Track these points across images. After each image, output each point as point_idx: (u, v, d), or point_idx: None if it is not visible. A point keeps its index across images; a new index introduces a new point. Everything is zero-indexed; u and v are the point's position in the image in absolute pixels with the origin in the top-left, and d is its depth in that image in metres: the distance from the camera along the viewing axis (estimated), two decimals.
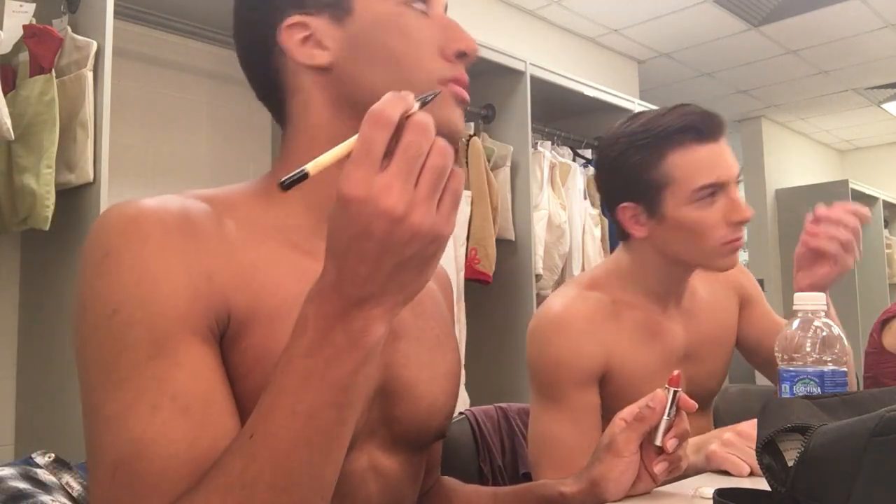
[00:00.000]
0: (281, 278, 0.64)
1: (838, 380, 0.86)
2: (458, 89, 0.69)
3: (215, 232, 0.63)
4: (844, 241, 1.14)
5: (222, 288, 0.60)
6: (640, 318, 1.19)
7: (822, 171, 6.38)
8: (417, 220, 0.48)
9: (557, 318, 1.15)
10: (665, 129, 1.13)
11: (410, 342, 0.74)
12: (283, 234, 0.68)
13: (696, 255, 1.15)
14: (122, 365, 0.56)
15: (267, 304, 0.62)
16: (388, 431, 0.71)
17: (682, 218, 1.12)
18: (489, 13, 3.47)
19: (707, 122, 1.13)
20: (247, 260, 0.63)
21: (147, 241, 0.58)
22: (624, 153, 1.16)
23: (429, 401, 0.73)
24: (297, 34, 0.68)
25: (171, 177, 2.26)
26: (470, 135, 2.65)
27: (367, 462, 0.69)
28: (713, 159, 1.12)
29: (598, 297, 1.18)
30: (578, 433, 1.10)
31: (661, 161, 1.12)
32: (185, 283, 0.58)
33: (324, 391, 0.51)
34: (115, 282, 0.57)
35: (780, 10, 3.76)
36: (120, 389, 0.55)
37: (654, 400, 0.81)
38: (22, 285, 1.94)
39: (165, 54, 2.26)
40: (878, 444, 0.54)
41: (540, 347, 1.16)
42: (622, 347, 1.15)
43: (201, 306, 0.59)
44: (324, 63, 0.68)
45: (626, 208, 1.17)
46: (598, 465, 0.83)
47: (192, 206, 0.64)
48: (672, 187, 1.12)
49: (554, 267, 2.89)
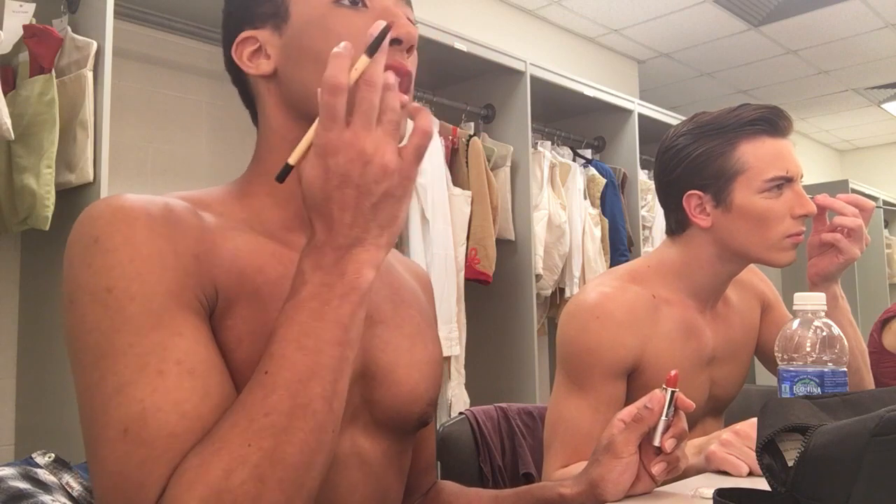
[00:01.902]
0: (261, 263, 0.68)
1: (838, 380, 0.86)
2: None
3: (196, 222, 0.66)
4: (849, 231, 1.18)
5: (209, 268, 0.64)
6: (679, 316, 1.19)
7: (821, 171, 6.38)
8: (385, 157, 0.58)
9: (597, 306, 1.15)
10: (739, 120, 1.15)
11: (388, 328, 0.76)
12: (259, 226, 0.72)
13: (758, 246, 1.16)
14: (121, 339, 0.57)
15: (250, 285, 0.66)
16: (370, 415, 0.74)
17: (750, 207, 1.14)
18: (489, 13, 3.47)
19: (779, 118, 1.16)
20: (227, 247, 0.66)
21: (135, 225, 0.61)
22: (696, 141, 1.18)
23: (409, 385, 0.76)
24: (248, 48, 0.74)
25: (171, 177, 2.26)
26: (470, 135, 2.65)
27: (350, 446, 0.71)
28: (784, 154, 1.15)
29: (638, 290, 1.18)
30: (596, 422, 1.10)
31: (734, 150, 1.15)
32: (173, 262, 0.61)
33: (328, 329, 0.58)
34: (107, 262, 0.59)
35: (780, 10, 3.76)
36: (120, 363, 0.57)
37: (651, 401, 0.81)
38: (22, 285, 1.94)
39: (165, 54, 2.26)
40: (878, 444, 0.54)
41: (575, 333, 1.15)
42: (657, 343, 1.15)
43: (191, 283, 0.62)
44: (268, 71, 0.73)
45: (692, 196, 1.18)
46: (596, 466, 0.83)
47: (172, 200, 0.67)
48: (743, 176, 1.14)
49: (554, 267, 2.89)
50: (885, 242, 5.80)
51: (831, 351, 0.87)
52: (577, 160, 3.19)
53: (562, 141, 3.24)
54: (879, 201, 5.76)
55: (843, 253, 1.19)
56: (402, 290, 0.82)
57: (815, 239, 1.23)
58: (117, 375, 0.57)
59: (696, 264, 1.21)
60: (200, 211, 0.68)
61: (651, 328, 1.15)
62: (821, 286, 1.23)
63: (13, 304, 1.94)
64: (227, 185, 0.78)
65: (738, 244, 1.17)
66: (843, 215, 1.19)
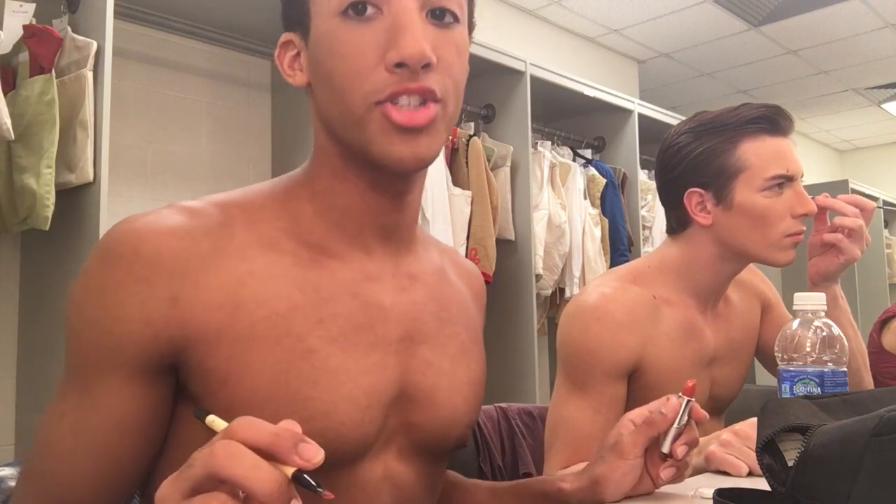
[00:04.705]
0: (271, 294, 0.63)
1: (838, 380, 0.86)
2: (390, 111, 0.62)
3: (202, 249, 0.62)
4: (850, 231, 1.18)
5: (189, 309, 0.61)
6: (679, 317, 1.19)
7: (822, 171, 6.38)
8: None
9: (597, 307, 1.14)
10: (740, 118, 1.15)
11: (433, 348, 0.72)
12: (298, 235, 0.68)
13: (759, 245, 1.15)
14: (65, 371, 0.64)
15: (245, 320, 0.62)
16: (407, 439, 0.71)
17: (751, 205, 1.14)
18: (489, 13, 3.47)
19: (780, 116, 1.16)
20: (237, 272, 0.63)
21: (116, 266, 0.61)
22: (697, 139, 1.18)
23: (449, 409, 0.72)
24: (288, 52, 0.70)
25: (171, 177, 2.26)
26: (470, 135, 2.65)
27: (382, 471, 0.69)
28: (784, 152, 1.15)
29: (639, 291, 1.18)
30: (597, 423, 1.10)
31: (735, 148, 1.15)
32: (135, 312, 0.60)
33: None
34: (77, 299, 0.63)
35: (780, 10, 3.76)
36: (57, 389, 0.64)
37: (667, 406, 0.79)
38: (22, 285, 1.94)
39: (165, 54, 2.26)
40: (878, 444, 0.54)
41: (576, 333, 1.15)
42: (658, 344, 1.15)
43: (145, 336, 0.60)
44: (301, 83, 0.69)
45: (693, 194, 1.18)
46: (600, 464, 0.82)
47: (193, 221, 0.64)
48: (745, 174, 1.14)
49: (554, 267, 2.89)
50: (885, 242, 5.80)
51: (831, 351, 0.87)
52: (577, 160, 3.19)
53: (562, 141, 3.23)
54: (879, 201, 5.75)
55: (844, 253, 1.19)
56: (451, 305, 0.77)
57: (816, 239, 1.23)
58: (54, 393, 0.64)
59: (697, 263, 1.20)
60: (234, 223, 0.65)
61: (652, 329, 1.15)
62: (821, 286, 1.23)
63: (13, 304, 1.94)
64: (277, 182, 0.73)
65: (738, 242, 1.17)
66: (844, 215, 1.19)
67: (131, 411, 0.61)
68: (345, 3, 0.63)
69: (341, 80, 0.63)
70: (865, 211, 1.20)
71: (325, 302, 0.65)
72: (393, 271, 0.72)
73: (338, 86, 0.64)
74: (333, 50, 0.64)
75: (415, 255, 0.76)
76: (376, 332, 0.68)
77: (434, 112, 0.63)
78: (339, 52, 0.63)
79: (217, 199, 0.68)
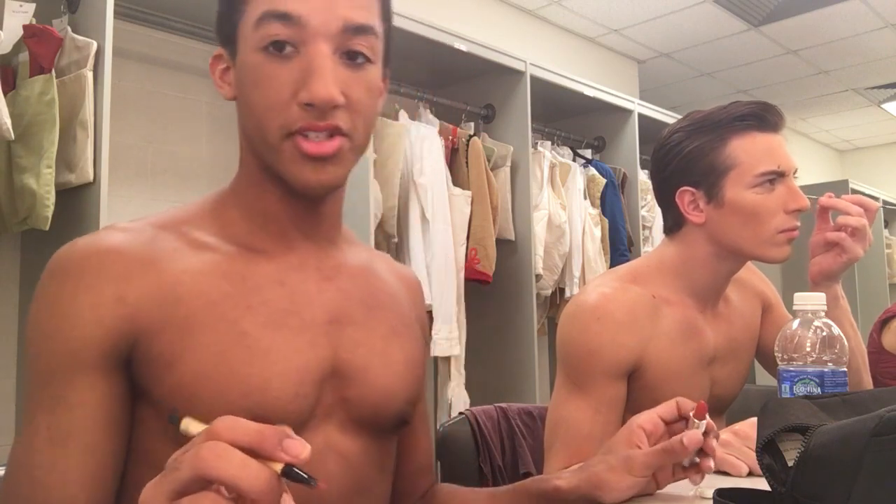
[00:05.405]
0: (204, 286, 0.70)
1: (838, 380, 0.86)
2: (300, 142, 0.69)
3: (142, 255, 0.70)
4: (853, 230, 1.18)
5: (138, 306, 0.68)
6: (679, 316, 1.19)
7: (822, 171, 6.38)
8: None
9: (597, 307, 1.15)
10: (729, 116, 1.16)
11: (361, 330, 0.78)
12: (228, 238, 0.75)
13: (752, 242, 1.15)
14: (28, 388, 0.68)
15: (183, 310, 0.69)
16: (345, 413, 0.76)
17: (742, 202, 1.14)
18: (489, 13, 3.47)
19: (769, 113, 1.16)
20: (174, 271, 0.70)
21: (65, 281, 0.68)
22: (688, 138, 1.18)
23: (382, 385, 0.77)
24: (219, 65, 0.77)
25: (171, 177, 2.27)
26: (470, 135, 2.65)
27: (323, 441, 0.73)
28: (774, 148, 1.15)
29: (639, 291, 1.18)
30: (597, 423, 1.10)
31: (724, 145, 1.15)
32: (89, 315, 0.66)
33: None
34: (32, 318, 0.68)
35: (780, 10, 3.76)
36: (25, 410, 0.68)
37: (688, 439, 0.77)
38: (22, 285, 1.94)
39: (165, 54, 2.26)
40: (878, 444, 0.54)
41: (576, 334, 1.15)
42: (658, 344, 1.15)
43: (100, 334, 0.66)
44: (229, 96, 0.76)
45: (685, 192, 1.18)
46: (606, 470, 0.80)
47: (129, 237, 0.71)
48: (735, 171, 1.14)
49: (554, 267, 2.89)
50: (885, 242, 5.81)
51: (831, 351, 0.87)
52: (577, 160, 3.19)
53: (562, 141, 3.24)
54: (880, 201, 5.76)
55: (847, 252, 1.19)
56: (378, 294, 0.83)
57: (818, 238, 1.22)
58: (22, 417, 0.67)
59: (694, 262, 1.20)
60: (169, 233, 0.73)
61: (651, 328, 1.15)
62: (822, 285, 1.22)
63: (13, 304, 1.94)
64: (207, 197, 0.81)
65: (730, 240, 1.16)
66: (848, 214, 1.18)
67: (103, 405, 0.67)
68: (266, 39, 0.69)
69: (259, 109, 0.70)
70: (869, 211, 1.20)
71: (252, 291, 0.72)
72: (317, 264, 0.78)
73: (256, 114, 0.71)
74: (253, 82, 0.70)
75: (339, 250, 0.82)
76: (303, 317, 0.74)
77: (340, 143, 0.70)
78: (258, 85, 0.70)
79: (150, 219, 0.75)
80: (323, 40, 0.69)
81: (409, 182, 2.40)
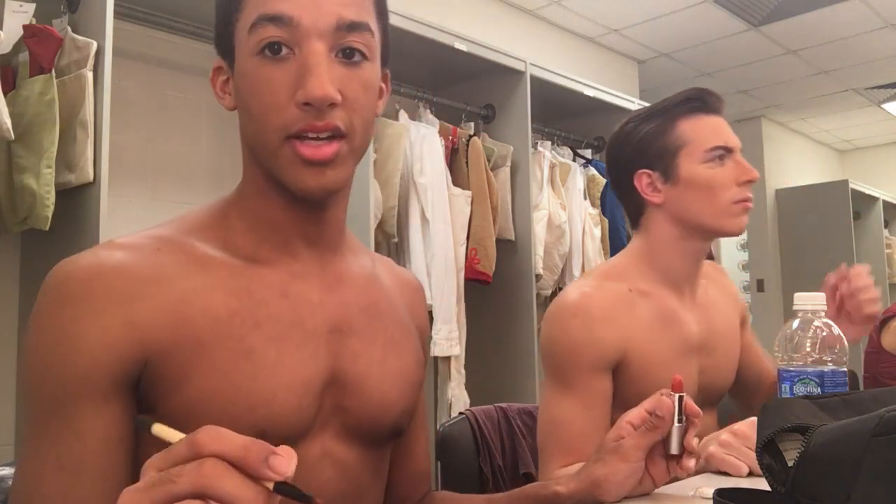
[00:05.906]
0: (211, 303, 0.69)
1: (838, 380, 0.86)
2: (299, 147, 0.69)
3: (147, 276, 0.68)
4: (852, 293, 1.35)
5: (147, 329, 0.66)
6: (656, 306, 1.22)
7: (822, 171, 6.38)
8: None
9: (575, 305, 1.18)
10: (674, 101, 1.26)
11: (362, 340, 0.78)
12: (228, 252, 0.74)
13: (710, 214, 1.21)
14: (33, 416, 0.66)
15: (191, 330, 0.68)
16: (342, 422, 0.76)
17: (696, 176, 1.21)
18: (489, 13, 3.47)
19: (709, 97, 1.26)
20: (178, 292, 0.69)
21: (66, 305, 0.65)
22: (639, 125, 1.27)
23: (380, 395, 0.78)
24: (220, 76, 0.77)
25: (171, 177, 2.27)
26: (470, 135, 2.65)
27: (320, 449, 0.74)
28: (719, 128, 1.24)
29: (615, 286, 1.22)
30: (588, 419, 1.13)
31: (673, 127, 1.23)
32: (95, 340, 0.65)
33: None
34: (33, 343, 0.66)
35: (780, 10, 3.76)
36: (27, 438, 0.66)
37: (661, 408, 0.80)
38: (22, 285, 1.94)
39: (165, 54, 2.26)
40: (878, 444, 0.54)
41: (557, 333, 1.18)
42: (639, 335, 1.18)
43: (111, 359, 0.65)
44: (230, 106, 0.76)
45: (642, 175, 1.25)
46: (601, 466, 0.82)
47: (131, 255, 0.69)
48: (686, 149, 1.22)
49: (554, 267, 2.89)
50: (885, 242, 5.80)
51: (831, 351, 0.87)
52: (577, 160, 3.19)
53: (562, 141, 3.24)
54: (879, 201, 5.76)
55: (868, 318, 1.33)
56: (379, 303, 0.83)
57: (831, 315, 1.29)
58: (25, 447, 0.66)
59: (661, 246, 1.25)
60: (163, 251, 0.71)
61: (630, 321, 1.18)
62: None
63: (13, 304, 1.94)
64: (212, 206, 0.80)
65: (691, 215, 1.22)
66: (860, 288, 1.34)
67: (112, 430, 0.66)
68: (261, 43, 0.69)
69: (257, 114, 0.70)
70: None
71: (258, 305, 0.72)
72: (319, 272, 0.78)
73: (255, 119, 0.71)
74: (251, 87, 0.70)
75: (342, 259, 0.82)
76: (307, 327, 0.74)
77: (338, 147, 0.70)
78: (255, 89, 0.70)
79: (151, 232, 0.74)
80: (317, 39, 0.69)
81: (409, 182, 2.40)
